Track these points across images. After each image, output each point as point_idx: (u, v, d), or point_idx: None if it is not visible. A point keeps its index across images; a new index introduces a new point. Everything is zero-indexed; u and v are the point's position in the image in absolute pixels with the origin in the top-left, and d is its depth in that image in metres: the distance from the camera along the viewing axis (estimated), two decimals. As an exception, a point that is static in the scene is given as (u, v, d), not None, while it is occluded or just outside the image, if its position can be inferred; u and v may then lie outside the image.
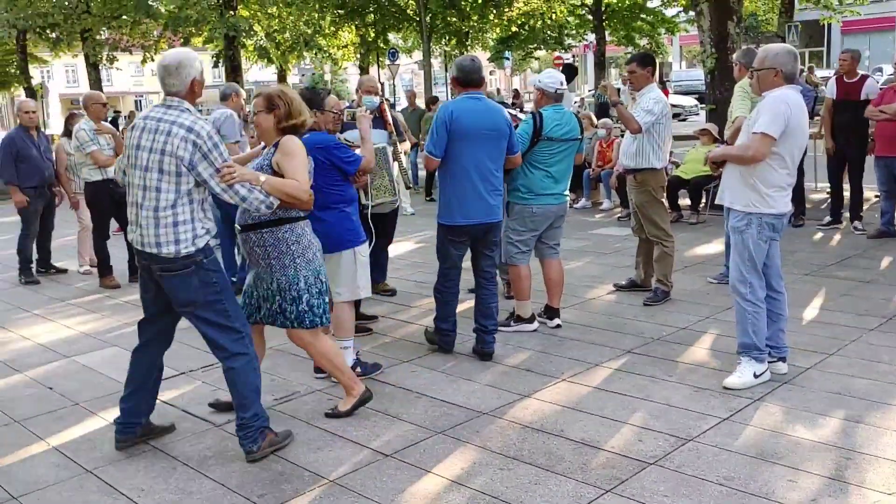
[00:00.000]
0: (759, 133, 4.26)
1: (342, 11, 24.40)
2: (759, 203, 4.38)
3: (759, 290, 4.48)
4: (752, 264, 4.45)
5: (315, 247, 4.11)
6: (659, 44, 29.05)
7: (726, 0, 11.04)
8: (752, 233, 4.42)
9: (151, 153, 3.64)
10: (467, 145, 4.95)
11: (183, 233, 3.68)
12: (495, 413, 4.32)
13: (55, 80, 46.99)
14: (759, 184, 4.36)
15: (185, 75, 3.71)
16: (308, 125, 4.08)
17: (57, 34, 20.36)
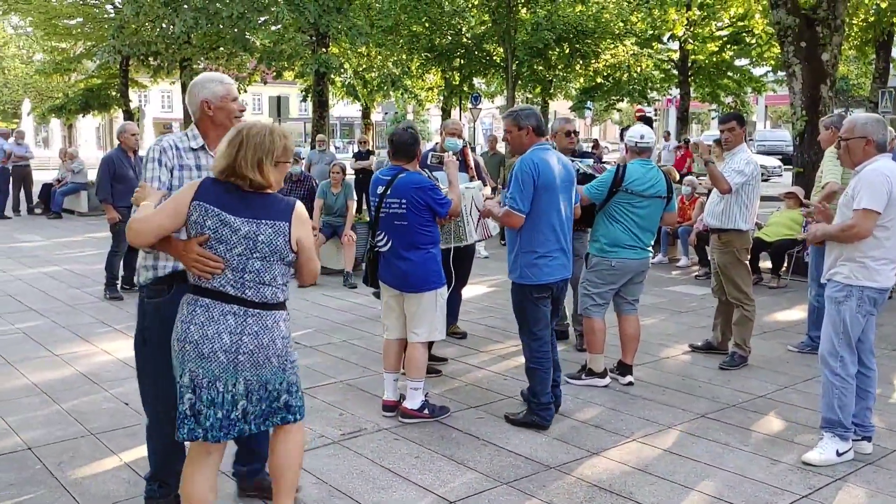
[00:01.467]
0: (862, 209, 4.11)
1: (430, 55, 24.85)
2: (861, 275, 4.21)
3: (851, 366, 4.30)
4: (847, 338, 4.28)
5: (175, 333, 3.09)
6: (744, 102, 28.68)
7: (820, 62, 10.84)
8: (850, 305, 4.25)
9: None
10: (551, 198, 4.74)
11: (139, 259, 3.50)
12: (562, 468, 4.24)
13: (151, 105, 48.95)
14: (863, 256, 4.20)
15: (195, 97, 3.47)
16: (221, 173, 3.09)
17: (158, 62, 21.25)
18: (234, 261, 3.01)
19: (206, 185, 3.04)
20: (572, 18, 22.37)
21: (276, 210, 3.06)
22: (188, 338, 3.01)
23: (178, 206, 3.02)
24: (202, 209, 2.99)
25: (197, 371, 3.01)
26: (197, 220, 3.00)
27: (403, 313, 4.92)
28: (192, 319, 3.02)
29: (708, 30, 23.71)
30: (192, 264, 2.99)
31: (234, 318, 3.01)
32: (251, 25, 18.84)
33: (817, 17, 10.83)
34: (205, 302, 3.02)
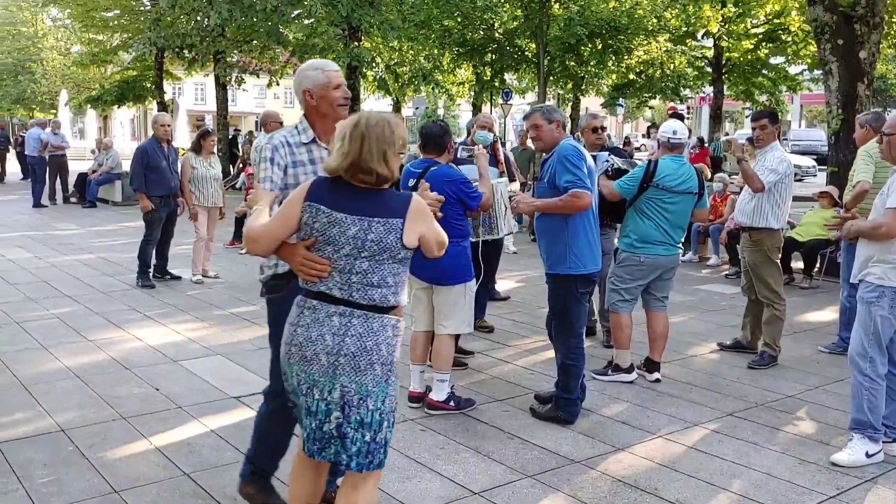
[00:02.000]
0: (893, 209, 4.06)
1: (462, 49, 24.84)
2: (893, 276, 4.15)
3: (881, 367, 4.25)
4: (877, 339, 4.23)
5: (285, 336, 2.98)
6: (779, 101, 28.27)
7: (858, 60, 10.68)
8: (882, 306, 4.18)
9: None
10: (593, 186, 4.79)
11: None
12: (587, 463, 4.24)
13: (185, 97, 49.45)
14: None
15: (299, 86, 3.37)
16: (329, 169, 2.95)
17: (193, 54, 21.50)
18: (341, 262, 2.84)
19: (319, 185, 2.90)
20: (605, 14, 22.24)
21: (390, 206, 2.87)
22: (293, 340, 2.89)
23: (289, 211, 2.90)
24: (313, 210, 2.85)
25: (300, 375, 2.87)
26: (307, 222, 2.86)
27: (431, 305, 4.95)
28: (298, 322, 2.90)
29: (742, 27, 23.40)
30: (299, 268, 2.87)
31: (339, 319, 2.84)
32: (284, 19, 18.98)
33: (855, 14, 10.67)
34: (312, 304, 2.89)
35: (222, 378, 5.54)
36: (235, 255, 10.86)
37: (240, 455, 4.21)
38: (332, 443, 2.84)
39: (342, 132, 2.86)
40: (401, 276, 2.94)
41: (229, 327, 6.93)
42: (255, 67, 23.27)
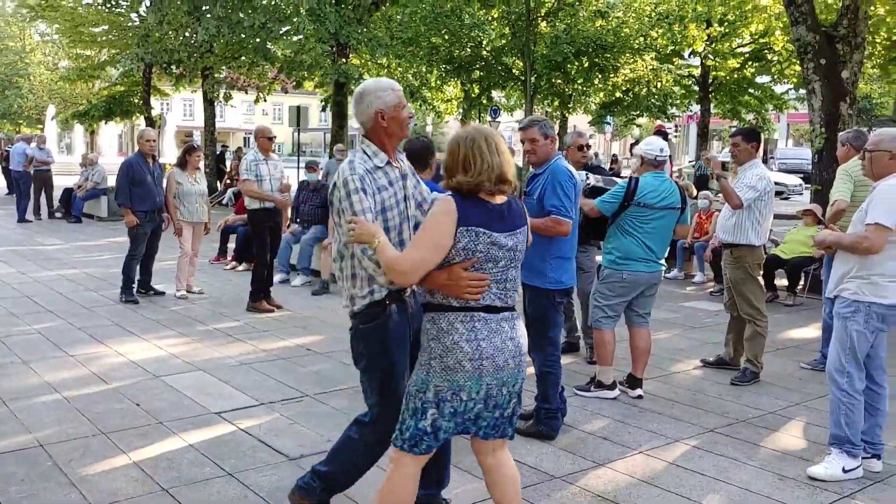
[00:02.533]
0: (874, 224, 4.11)
1: (449, 67, 24.96)
2: (869, 291, 4.20)
3: (858, 382, 4.29)
4: (854, 354, 4.27)
5: (463, 352, 2.98)
6: (765, 120, 28.50)
7: (840, 80, 10.81)
8: (857, 321, 4.24)
9: None
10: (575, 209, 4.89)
11: (347, 289, 3.33)
12: (568, 478, 4.24)
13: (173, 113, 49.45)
14: (870, 272, 4.19)
15: (369, 106, 3.27)
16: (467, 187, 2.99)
17: (181, 70, 21.52)
18: (498, 274, 3.03)
19: (462, 207, 2.96)
20: (592, 32, 22.40)
21: (520, 214, 3.12)
22: (483, 354, 2.98)
23: (443, 241, 2.93)
24: (472, 234, 2.95)
25: (491, 384, 3.02)
26: (467, 246, 2.95)
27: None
28: (476, 336, 2.98)
29: (728, 46, 23.63)
30: (465, 290, 2.95)
31: (507, 324, 3.07)
32: (272, 35, 19.02)
33: (838, 34, 10.81)
34: (482, 317, 3.01)
35: (203, 393, 5.52)
36: (220, 271, 10.84)
37: (219, 470, 4.21)
38: (504, 424, 3.16)
39: (470, 147, 2.98)
40: None
41: (212, 343, 6.91)
42: (242, 84, 23.28)
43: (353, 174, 3.14)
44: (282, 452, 4.50)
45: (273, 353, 6.65)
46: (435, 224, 2.96)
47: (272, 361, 6.39)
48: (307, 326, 7.65)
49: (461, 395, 2.99)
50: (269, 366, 6.26)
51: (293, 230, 10.30)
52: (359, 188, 3.12)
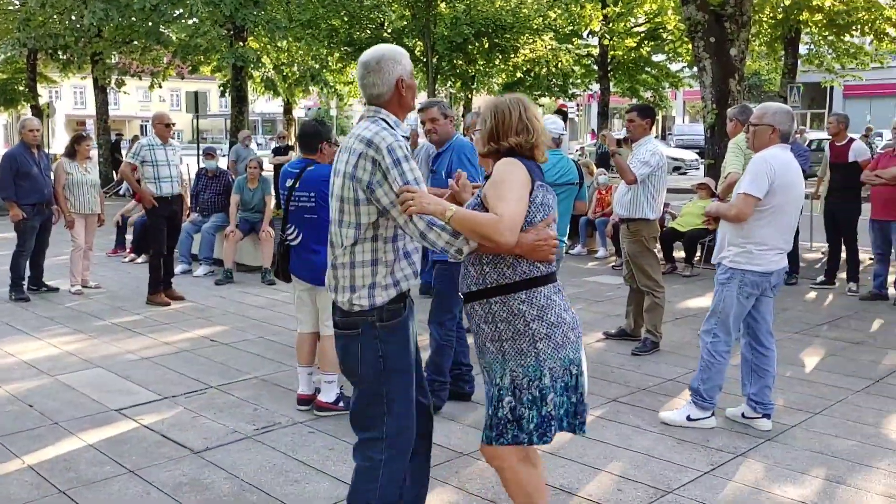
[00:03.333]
0: (742, 193, 4.35)
1: (350, 49, 24.70)
2: (744, 260, 4.44)
3: (723, 345, 4.59)
4: (724, 318, 4.56)
5: (567, 324, 2.85)
6: (662, 97, 29.36)
7: (729, 57, 11.20)
8: (731, 288, 4.51)
9: (336, 176, 2.91)
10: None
11: (360, 278, 2.86)
12: (475, 454, 4.28)
13: (63, 101, 47.33)
14: (746, 241, 4.44)
15: (388, 74, 2.90)
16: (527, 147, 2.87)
17: (67, 56, 20.56)
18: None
19: (529, 164, 2.85)
20: (491, 13, 22.56)
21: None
22: (575, 323, 2.89)
23: (523, 191, 2.75)
24: (544, 188, 2.86)
25: (574, 356, 2.87)
26: (543, 201, 2.83)
27: (316, 307, 4.90)
28: (567, 305, 2.90)
29: (622, 25, 24.17)
30: (545, 249, 2.76)
31: (562, 295, 2.93)
32: (165, 18, 18.38)
33: (725, 13, 11.18)
34: (557, 287, 2.90)
35: (102, 390, 5.33)
36: (118, 264, 10.47)
37: (119, 468, 4.08)
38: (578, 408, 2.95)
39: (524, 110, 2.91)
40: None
41: (110, 338, 6.67)
42: (136, 69, 22.43)
43: (396, 142, 2.75)
44: (185, 446, 4.40)
45: (175, 345, 6.48)
46: (512, 176, 2.75)
47: (174, 354, 6.22)
48: (210, 317, 7.48)
49: (571, 369, 2.87)
50: (172, 359, 6.09)
51: (193, 219, 10.02)
52: (405, 156, 2.76)
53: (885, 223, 8.13)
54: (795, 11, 19.57)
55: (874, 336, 6.88)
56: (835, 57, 23.58)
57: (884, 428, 4.70)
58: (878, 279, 8.28)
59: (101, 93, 21.57)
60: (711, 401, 4.63)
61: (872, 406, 5.06)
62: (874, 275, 8.37)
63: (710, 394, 4.61)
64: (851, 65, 24.02)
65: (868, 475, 4.04)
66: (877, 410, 4.98)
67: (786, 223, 4.46)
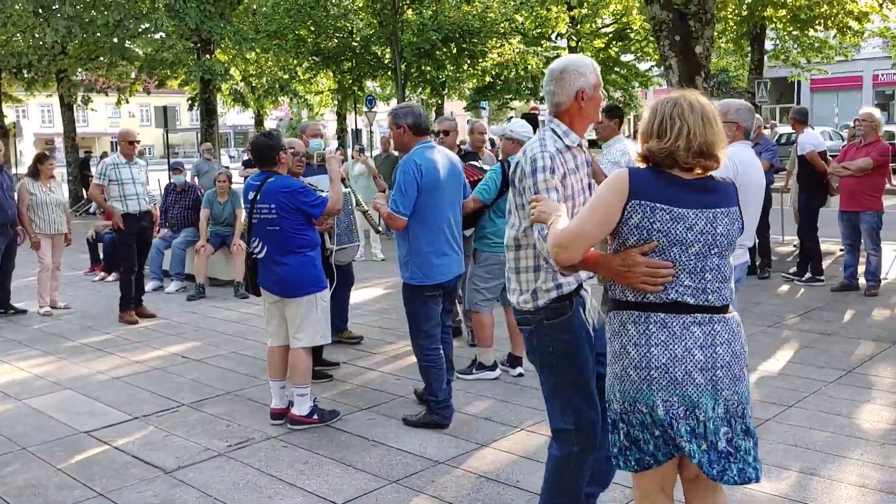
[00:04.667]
0: None
1: (317, 58, 24.63)
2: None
3: None
4: None
5: (630, 360, 2.58)
6: (632, 97, 29.56)
7: (695, 55, 11.27)
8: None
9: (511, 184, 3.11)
10: (438, 199, 4.66)
11: (525, 283, 3.06)
12: (451, 462, 4.25)
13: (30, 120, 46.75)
14: None
15: (570, 85, 2.99)
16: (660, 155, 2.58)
17: (32, 74, 20.30)
18: (690, 263, 2.55)
19: (640, 179, 2.55)
20: (457, 18, 22.58)
21: (728, 194, 2.63)
22: (653, 363, 2.52)
23: (610, 210, 2.54)
24: (647, 209, 2.52)
25: (670, 400, 2.51)
26: (641, 224, 2.52)
27: (285, 319, 4.84)
28: (649, 342, 2.53)
29: (589, 27, 24.33)
30: (643, 279, 2.53)
31: (700, 329, 2.54)
32: (130, 34, 18.20)
33: (689, 11, 11.25)
34: (659, 318, 2.54)
35: (71, 413, 5.24)
36: (88, 283, 10.32)
37: (89, 491, 4.01)
38: (731, 460, 2.55)
39: (669, 114, 2.56)
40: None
41: (80, 359, 6.57)
42: (102, 85, 22.18)
43: (544, 151, 2.91)
44: (157, 466, 4.33)
45: (147, 363, 6.39)
46: (597, 195, 2.61)
47: (146, 373, 6.14)
48: (183, 333, 7.39)
49: (639, 406, 2.56)
50: (143, 378, 6.01)
51: (163, 235, 9.91)
52: (547, 167, 2.88)
53: (853, 214, 8.20)
54: (759, 7, 19.79)
55: (845, 327, 6.94)
56: (800, 51, 23.89)
57: (856, 418, 4.73)
58: (848, 270, 8.35)
59: (68, 110, 21.34)
60: None
61: (845, 396, 5.09)
62: (844, 265, 8.44)
63: None
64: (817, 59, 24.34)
65: (841, 466, 4.05)
66: (849, 401, 5.01)
67: (747, 218, 4.45)
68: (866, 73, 37.06)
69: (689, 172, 2.58)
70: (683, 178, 2.57)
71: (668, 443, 2.56)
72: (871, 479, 3.89)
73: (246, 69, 24.02)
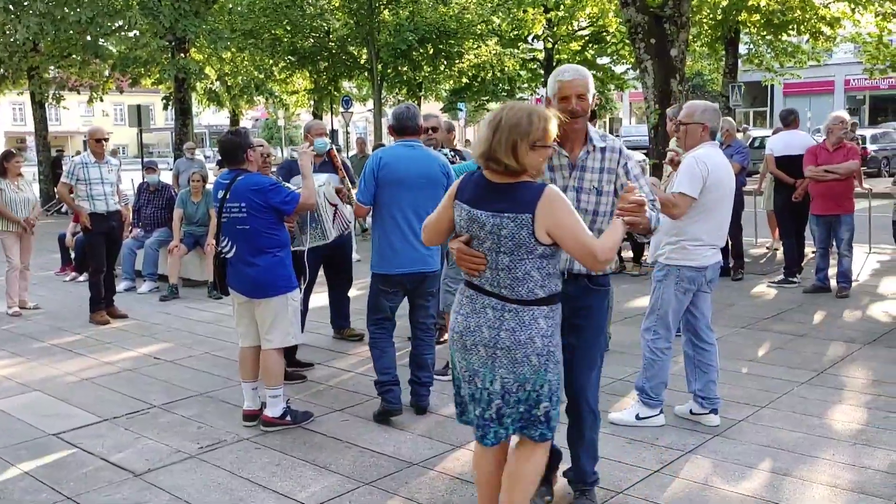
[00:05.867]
0: (679, 193, 4.39)
1: (293, 58, 24.49)
2: (679, 256, 4.50)
3: (664, 342, 4.62)
4: (662, 315, 4.59)
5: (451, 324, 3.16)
6: (608, 99, 29.72)
7: (670, 58, 11.34)
8: (668, 284, 4.55)
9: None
10: (397, 192, 4.76)
11: None
12: (425, 464, 4.23)
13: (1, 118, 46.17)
14: (679, 238, 4.49)
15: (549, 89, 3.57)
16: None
17: (2, 71, 19.99)
18: (490, 257, 2.95)
19: (466, 180, 3.05)
20: (434, 19, 22.56)
21: (521, 200, 2.89)
22: (455, 328, 3.05)
23: (445, 205, 3.11)
24: (459, 208, 3.02)
25: (461, 363, 3.06)
26: (458, 219, 3.03)
27: (255, 320, 4.78)
28: (459, 310, 3.06)
29: (566, 29, 24.40)
30: (459, 262, 3.01)
31: (493, 312, 2.96)
32: (102, 31, 17.98)
33: (664, 14, 11.33)
34: (469, 293, 3.04)
35: (39, 415, 5.15)
36: (59, 283, 10.18)
37: (57, 495, 3.95)
38: (492, 426, 3.03)
39: (485, 119, 2.96)
40: (547, 268, 2.97)
41: (49, 360, 6.47)
42: (74, 83, 21.89)
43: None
44: (126, 469, 4.26)
45: (117, 365, 6.30)
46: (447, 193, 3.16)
47: (116, 374, 6.05)
48: (155, 334, 7.30)
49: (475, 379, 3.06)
50: (113, 379, 5.92)
51: (136, 234, 9.80)
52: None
53: (826, 217, 8.21)
54: (734, 12, 19.97)
55: (817, 328, 7.00)
56: (773, 56, 24.14)
57: (828, 418, 4.77)
58: (820, 273, 8.42)
59: (40, 108, 21.05)
60: (658, 398, 4.65)
61: (817, 397, 5.13)
62: (816, 268, 8.50)
63: (656, 391, 4.63)
64: (790, 63, 24.60)
65: (813, 466, 4.08)
66: (821, 401, 5.05)
67: (719, 219, 4.52)
68: (838, 78, 37.52)
69: (498, 175, 2.92)
70: (491, 181, 2.95)
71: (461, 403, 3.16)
72: (842, 479, 3.91)
73: (221, 68, 23.83)
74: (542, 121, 2.89)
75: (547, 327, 2.98)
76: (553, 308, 3.02)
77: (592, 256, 2.89)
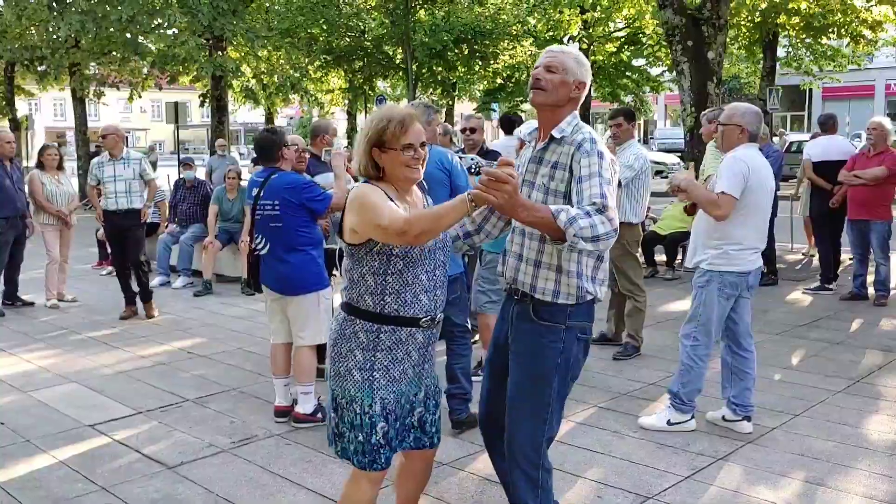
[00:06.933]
0: (720, 193, 4.30)
1: (329, 57, 24.66)
2: (721, 262, 4.41)
3: (703, 349, 4.55)
4: (705, 321, 4.51)
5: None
6: (643, 101, 29.51)
7: (707, 60, 11.25)
8: (711, 290, 4.46)
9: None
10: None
11: None
12: (455, 464, 4.24)
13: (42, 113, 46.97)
14: (722, 242, 4.40)
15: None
16: None
17: (45, 67, 20.35)
18: None
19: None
20: (470, 20, 22.59)
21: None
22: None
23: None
24: None
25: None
26: None
27: (287, 317, 4.82)
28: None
29: (602, 30, 24.27)
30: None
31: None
32: (142, 29, 18.25)
33: (702, 16, 11.25)
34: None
35: (76, 406, 5.24)
36: (96, 277, 10.35)
37: (91, 485, 4.01)
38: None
39: None
40: (377, 275, 2.70)
41: (86, 352, 6.57)
42: (114, 80, 22.22)
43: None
44: (159, 461, 4.32)
45: (152, 358, 6.39)
46: None
47: (150, 368, 6.14)
48: (188, 329, 7.39)
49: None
50: (148, 373, 6.01)
51: (171, 230, 9.93)
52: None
53: (862, 223, 8.13)
54: (773, 15, 19.73)
55: (853, 336, 6.89)
56: (813, 59, 23.81)
57: (863, 428, 4.69)
58: (857, 279, 8.29)
59: (80, 104, 21.39)
60: (691, 404, 4.61)
61: (852, 406, 5.05)
62: (853, 275, 8.38)
63: (690, 397, 4.59)
64: (829, 67, 24.24)
65: (848, 476, 4.01)
66: (857, 411, 4.97)
67: (760, 222, 4.46)
68: (879, 83, 36.92)
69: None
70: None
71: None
72: (878, 490, 3.85)
73: (257, 66, 24.06)
74: (389, 121, 2.65)
75: (371, 342, 2.75)
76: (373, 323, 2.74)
77: (396, 232, 2.54)
